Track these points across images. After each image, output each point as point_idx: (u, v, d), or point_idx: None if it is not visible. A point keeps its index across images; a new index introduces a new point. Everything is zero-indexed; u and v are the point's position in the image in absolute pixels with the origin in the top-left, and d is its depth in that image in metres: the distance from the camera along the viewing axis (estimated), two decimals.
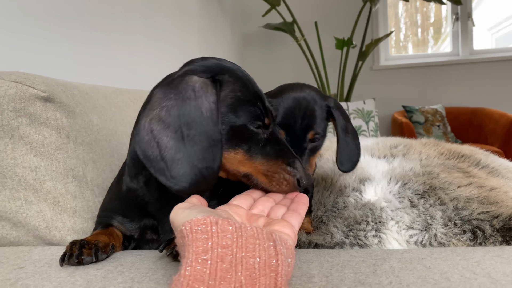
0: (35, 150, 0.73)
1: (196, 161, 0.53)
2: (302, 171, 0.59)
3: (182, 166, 0.53)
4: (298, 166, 0.59)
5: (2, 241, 0.73)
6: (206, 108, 0.54)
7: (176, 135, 0.53)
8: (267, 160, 0.58)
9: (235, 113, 0.57)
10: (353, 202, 0.76)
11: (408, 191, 0.76)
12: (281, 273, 0.38)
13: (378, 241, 0.67)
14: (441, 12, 4.39)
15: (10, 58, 1.09)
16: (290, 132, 0.70)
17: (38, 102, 0.73)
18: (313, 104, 0.71)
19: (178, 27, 2.44)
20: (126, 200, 0.67)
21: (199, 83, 0.55)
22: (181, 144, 0.53)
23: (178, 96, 0.54)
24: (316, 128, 0.70)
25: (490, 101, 3.86)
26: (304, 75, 4.10)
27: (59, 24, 1.31)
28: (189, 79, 0.56)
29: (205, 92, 0.55)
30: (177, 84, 0.56)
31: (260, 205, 0.57)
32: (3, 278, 0.53)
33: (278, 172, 0.58)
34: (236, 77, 0.59)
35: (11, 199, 0.72)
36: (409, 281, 0.47)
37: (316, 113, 0.71)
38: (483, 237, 0.65)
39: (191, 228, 0.40)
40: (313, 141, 0.71)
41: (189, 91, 0.54)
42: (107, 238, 0.62)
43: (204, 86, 0.55)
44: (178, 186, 0.53)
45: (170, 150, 0.53)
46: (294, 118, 0.70)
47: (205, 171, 0.54)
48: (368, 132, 2.76)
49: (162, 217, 0.65)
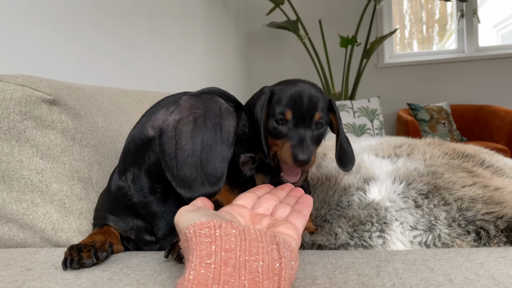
0: (41, 153, 0.74)
1: (204, 169, 0.56)
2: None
3: (190, 170, 0.56)
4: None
5: (9, 242, 0.74)
6: (226, 128, 0.59)
7: (194, 141, 0.57)
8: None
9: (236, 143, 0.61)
10: (357, 201, 0.76)
11: (413, 191, 0.76)
12: (284, 277, 0.38)
13: (382, 242, 0.67)
14: (446, 9, 4.36)
15: (15, 59, 1.10)
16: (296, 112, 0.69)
17: (43, 105, 0.74)
18: (318, 92, 0.72)
19: (182, 27, 2.44)
20: (115, 198, 0.68)
21: (225, 106, 0.62)
22: (196, 150, 0.57)
23: (207, 110, 0.60)
24: (322, 112, 0.70)
25: (496, 98, 3.83)
26: (309, 74, 4.09)
27: (63, 25, 1.32)
28: (218, 100, 0.62)
29: (228, 115, 0.61)
30: (207, 100, 0.61)
31: (265, 203, 0.58)
32: (11, 280, 0.54)
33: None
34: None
35: (18, 201, 0.73)
36: (412, 283, 0.48)
37: (321, 99, 0.71)
38: (487, 238, 0.65)
39: (195, 231, 0.40)
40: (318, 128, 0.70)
41: (217, 109, 0.60)
42: (103, 237, 0.63)
43: (228, 111, 0.61)
44: (180, 186, 0.56)
45: (184, 151, 0.56)
46: (301, 99, 0.69)
47: (209, 181, 0.57)
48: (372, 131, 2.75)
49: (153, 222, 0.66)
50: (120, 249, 0.68)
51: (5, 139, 0.72)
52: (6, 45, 1.07)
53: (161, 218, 0.66)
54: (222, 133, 0.59)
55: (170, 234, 0.66)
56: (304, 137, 0.67)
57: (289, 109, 0.69)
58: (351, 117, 2.79)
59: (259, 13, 4.03)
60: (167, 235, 0.66)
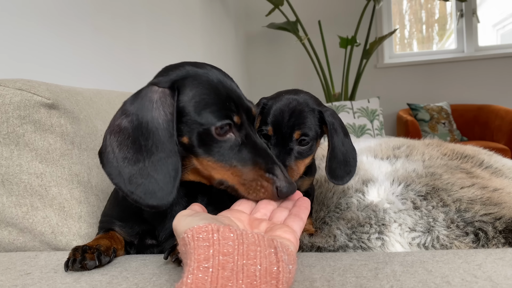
0: (40, 157, 0.74)
1: (153, 172, 0.53)
2: (282, 178, 0.55)
3: (139, 177, 0.53)
4: (278, 172, 0.55)
5: (9, 246, 0.74)
6: (162, 119, 0.54)
7: (135, 146, 0.54)
8: (243, 166, 0.56)
9: (199, 116, 0.55)
10: (356, 203, 0.76)
11: (411, 192, 0.76)
12: (282, 280, 0.39)
13: (381, 244, 0.67)
14: (446, 9, 4.36)
15: (14, 63, 1.11)
16: (277, 129, 0.70)
17: (42, 109, 0.74)
18: (304, 106, 0.71)
19: (182, 29, 2.44)
20: (123, 206, 0.68)
21: (158, 94, 0.55)
22: (139, 155, 0.53)
23: (138, 107, 0.55)
24: (303, 129, 0.69)
25: (496, 98, 3.83)
26: (308, 74, 4.10)
27: (62, 28, 1.32)
28: (150, 90, 0.56)
29: (162, 103, 0.55)
30: (139, 94, 0.56)
31: (262, 209, 0.57)
32: (10, 284, 0.54)
33: (255, 179, 0.55)
34: (201, 81, 0.58)
35: (17, 205, 0.73)
36: (410, 285, 0.48)
37: (305, 114, 0.70)
38: (485, 239, 0.65)
39: (193, 235, 0.40)
40: (301, 144, 0.69)
41: (147, 102, 0.55)
42: (108, 242, 0.63)
43: (163, 96, 0.55)
44: (135, 196, 0.53)
45: (128, 161, 0.53)
46: (282, 115, 0.69)
47: (162, 182, 0.54)
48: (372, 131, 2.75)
49: (157, 224, 0.66)
50: (123, 254, 0.68)
51: (4, 144, 0.73)
52: (5, 49, 1.08)
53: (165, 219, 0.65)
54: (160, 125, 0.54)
55: (171, 237, 0.66)
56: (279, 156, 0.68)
57: (271, 125, 0.70)
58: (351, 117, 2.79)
59: (258, 14, 4.04)
60: (168, 238, 0.66)
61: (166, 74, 0.59)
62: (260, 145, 0.58)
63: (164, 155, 0.53)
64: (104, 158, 0.54)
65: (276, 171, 0.55)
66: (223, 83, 0.59)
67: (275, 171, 0.55)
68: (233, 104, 0.57)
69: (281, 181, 0.55)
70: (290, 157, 0.69)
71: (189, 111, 0.55)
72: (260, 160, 0.56)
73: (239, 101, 0.59)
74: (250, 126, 0.59)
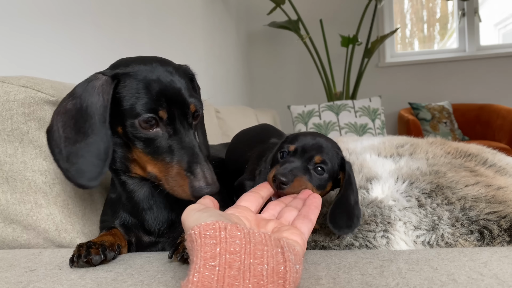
0: (44, 154, 0.74)
1: (86, 153, 0.57)
2: (201, 177, 0.55)
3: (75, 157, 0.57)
4: (198, 171, 0.55)
5: (13, 243, 0.74)
6: (99, 105, 0.58)
7: (75, 127, 0.57)
8: (167, 161, 0.58)
9: (129, 108, 0.58)
10: (360, 199, 0.76)
11: (416, 190, 0.75)
12: (289, 280, 0.38)
13: (386, 242, 0.67)
14: (447, 8, 4.35)
15: (17, 61, 1.11)
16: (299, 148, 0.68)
17: (46, 106, 0.74)
18: (329, 143, 0.70)
19: (183, 27, 2.44)
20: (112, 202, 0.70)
21: (101, 81, 0.58)
22: (77, 137, 0.57)
23: (83, 91, 0.59)
24: (324, 157, 0.67)
25: (498, 97, 3.82)
26: (310, 73, 4.09)
27: (65, 26, 1.32)
28: (95, 76, 0.60)
29: (103, 90, 0.58)
30: (88, 79, 0.60)
31: (271, 209, 0.57)
32: (15, 281, 0.54)
33: (173, 175, 0.56)
34: (138, 75, 0.59)
35: (22, 202, 0.73)
36: (416, 282, 0.48)
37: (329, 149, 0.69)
38: (490, 237, 0.65)
39: (200, 232, 0.40)
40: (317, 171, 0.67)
41: (90, 87, 0.58)
42: (112, 238, 0.64)
43: (105, 84, 0.58)
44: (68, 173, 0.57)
45: (69, 140, 0.57)
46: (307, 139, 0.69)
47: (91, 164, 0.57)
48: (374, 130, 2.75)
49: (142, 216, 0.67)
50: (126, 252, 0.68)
51: (8, 140, 0.73)
52: (9, 47, 1.08)
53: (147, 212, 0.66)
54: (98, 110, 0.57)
55: (167, 232, 0.66)
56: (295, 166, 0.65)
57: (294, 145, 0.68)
58: (352, 116, 2.78)
59: (260, 13, 4.03)
60: (164, 233, 0.66)
61: (115, 66, 0.63)
62: (188, 143, 0.59)
63: (98, 138, 0.57)
64: (50, 136, 0.58)
65: (196, 170, 0.55)
66: (160, 79, 0.59)
67: (195, 170, 0.55)
68: (163, 100, 0.58)
69: (199, 181, 0.55)
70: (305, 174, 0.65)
71: (122, 102, 0.58)
72: (183, 157, 0.57)
73: (175, 97, 0.59)
74: (183, 122, 0.60)
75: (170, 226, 0.66)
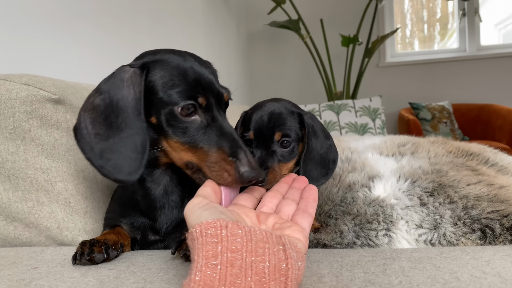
0: (46, 152, 0.74)
1: (122, 148, 0.55)
2: (246, 162, 0.55)
3: (109, 153, 0.55)
4: (241, 156, 0.55)
5: (15, 241, 0.74)
6: (132, 97, 0.56)
7: (106, 123, 0.56)
8: (208, 148, 0.56)
9: (167, 96, 0.57)
10: (362, 197, 0.76)
11: (418, 188, 0.75)
12: (291, 277, 0.38)
13: (388, 241, 0.67)
14: (448, 8, 4.35)
15: (19, 59, 1.10)
16: (258, 133, 0.71)
17: (48, 104, 0.74)
18: (283, 109, 0.72)
19: (184, 26, 2.44)
20: (122, 201, 0.69)
21: (129, 73, 0.57)
22: (110, 132, 0.55)
23: (111, 86, 0.57)
24: (284, 130, 0.70)
25: (498, 97, 3.82)
26: (310, 73, 4.09)
27: (66, 24, 1.32)
28: (122, 70, 0.58)
29: (133, 82, 0.57)
30: (113, 74, 0.58)
31: (268, 202, 0.57)
32: (18, 278, 0.54)
33: (218, 162, 0.55)
34: (171, 64, 0.59)
35: (23, 200, 0.73)
36: (419, 280, 0.48)
37: (284, 116, 0.71)
38: (492, 236, 0.65)
39: (201, 231, 0.40)
40: (282, 146, 0.71)
41: (118, 80, 0.57)
42: (115, 237, 0.64)
43: (134, 76, 0.57)
44: (104, 171, 0.55)
45: (100, 136, 0.55)
46: (262, 119, 0.71)
47: (129, 158, 0.55)
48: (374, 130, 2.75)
49: (156, 216, 0.66)
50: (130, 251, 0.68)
51: (10, 138, 0.73)
52: (10, 45, 1.08)
53: (161, 211, 0.66)
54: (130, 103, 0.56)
55: (174, 231, 0.66)
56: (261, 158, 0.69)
57: (252, 130, 0.71)
58: (353, 116, 2.78)
59: (260, 12, 4.03)
60: (171, 232, 0.66)
61: (141, 58, 0.61)
62: (227, 129, 0.59)
63: (133, 132, 0.56)
64: (78, 134, 0.56)
65: (240, 155, 0.55)
66: (194, 68, 0.60)
67: (239, 155, 0.55)
68: (200, 87, 0.58)
69: (244, 165, 0.54)
70: (273, 159, 0.70)
71: (157, 91, 0.57)
72: (224, 143, 0.57)
73: (209, 86, 0.60)
74: (219, 110, 0.61)
75: (177, 225, 0.66)
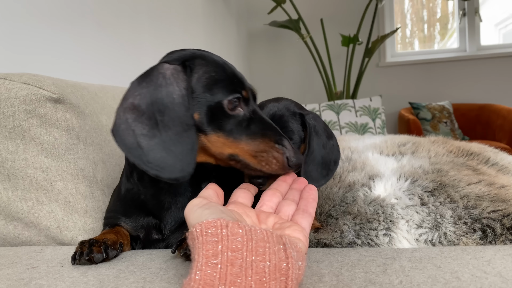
0: (46, 151, 0.74)
1: (172, 146, 0.54)
2: (291, 149, 0.58)
3: (158, 151, 0.54)
4: (286, 143, 0.58)
5: (15, 241, 0.74)
6: (177, 94, 0.55)
7: (150, 122, 0.54)
8: (253, 139, 0.57)
9: (210, 91, 0.57)
10: (362, 197, 0.76)
11: (418, 188, 0.75)
12: (292, 277, 0.38)
13: (388, 240, 0.67)
14: (448, 8, 4.35)
15: (19, 58, 1.10)
16: None
17: (48, 104, 0.74)
18: (284, 111, 0.72)
19: (184, 26, 2.44)
20: (126, 200, 0.68)
21: (170, 70, 0.57)
22: (156, 131, 0.54)
23: (150, 84, 0.56)
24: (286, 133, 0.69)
25: (498, 97, 3.82)
26: (310, 73, 4.09)
27: (67, 24, 1.32)
28: (161, 67, 0.57)
29: (176, 78, 0.56)
30: (150, 72, 0.57)
31: (268, 201, 0.57)
32: (17, 277, 0.54)
33: (266, 150, 0.57)
34: (208, 60, 0.60)
35: (23, 200, 0.73)
36: (419, 280, 0.47)
37: (286, 118, 0.71)
38: (493, 236, 0.65)
39: (201, 230, 0.40)
40: None
41: (160, 78, 0.56)
42: (115, 236, 0.63)
43: (175, 73, 0.57)
44: (155, 171, 0.54)
45: (145, 136, 0.54)
46: None
47: (181, 155, 0.54)
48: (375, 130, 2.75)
49: (163, 215, 0.66)
50: (129, 250, 0.68)
51: (10, 138, 0.72)
52: (10, 44, 1.07)
53: (169, 210, 0.65)
54: (174, 100, 0.55)
55: (177, 231, 0.66)
56: None
57: None
58: (353, 116, 2.78)
59: (260, 12, 4.03)
60: (173, 231, 0.66)
61: (173, 55, 0.61)
62: (267, 120, 0.61)
63: (181, 129, 0.54)
64: (118, 137, 0.54)
65: (284, 143, 0.58)
66: (228, 64, 0.61)
67: (283, 142, 0.58)
68: (239, 81, 0.60)
69: (290, 151, 0.57)
70: None
71: (200, 88, 0.57)
72: (269, 132, 0.58)
73: (243, 80, 0.62)
74: (255, 103, 0.62)
75: (180, 225, 0.66)
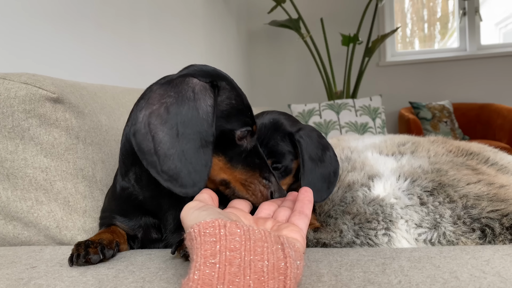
0: (45, 151, 0.74)
1: (188, 158, 0.55)
2: (276, 185, 0.63)
3: (174, 162, 0.54)
4: (272, 180, 0.63)
5: (14, 240, 0.74)
6: (203, 110, 0.56)
7: (172, 131, 0.55)
8: (246, 170, 0.61)
9: (227, 118, 0.60)
10: (362, 197, 0.76)
11: (417, 188, 0.75)
12: (290, 276, 0.38)
13: (387, 240, 0.67)
14: (448, 7, 4.35)
15: (18, 58, 1.10)
16: None
17: (48, 103, 0.74)
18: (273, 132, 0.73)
19: (184, 26, 2.44)
20: (121, 199, 0.68)
21: (199, 86, 0.58)
22: (175, 141, 0.54)
23: (178, 95, 0.56)
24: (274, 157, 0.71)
25: (498, 97, 3.82)
26: (310, 72, 4.09)
27: (66, 24, 1.32)
28: (190, 81, 0.58)
29: (203, 95, 0.57)
30: (178, 84, 0.58)
31: (265, 209, 0.58)
32: (16, 277, 0.54)
33: (255, 183, 0.61)
34: (232, 86, 0.63)
35: (22, 199, 0.73)
36: (418, 280, 0.47)
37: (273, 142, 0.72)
38: (492, 236, 0.65)
39: (199, 231, 0.40)
40: (276, 169, 0.73)
41: (189, 91, 0.57)
42: (110, 236, 0.63)
43: (203, 90, 0.58)
44: (168, 182, 0.54)
45: (164, 145, 0.54)
46: None
47: (195, 169, 0.55)
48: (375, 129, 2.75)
49: (162, 216, 0.66)
50: (126, 249, 0.68)
51: (9, 137, 0.72)
52: (10, 44, 1.07)
53: (169, 211, 0.65)
54: (199, 115, 0.56)
55: (177, 231, 0.66)
56: None
57: None
58: (353, 115, 2.78)
59: (260, 12, 4.03)
60: (173, 232, 0.66)
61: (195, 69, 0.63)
62: (261, 155, 0.66)
63: (200, 144, 0.56)
64: (136, 139, 0.55)
65: (271, 179, 0.63)
66: (244, 95, 0.65)
67: (270, 178, 0.63)
68: (251, 115, 0.63)
69: (275, 186, 0.63)
70: None
71: (219, 111, 0.59)
72: (261, 167, 0.63)
73: (252, 113, 0.65)
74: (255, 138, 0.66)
75: (179, 226, 0.66)
